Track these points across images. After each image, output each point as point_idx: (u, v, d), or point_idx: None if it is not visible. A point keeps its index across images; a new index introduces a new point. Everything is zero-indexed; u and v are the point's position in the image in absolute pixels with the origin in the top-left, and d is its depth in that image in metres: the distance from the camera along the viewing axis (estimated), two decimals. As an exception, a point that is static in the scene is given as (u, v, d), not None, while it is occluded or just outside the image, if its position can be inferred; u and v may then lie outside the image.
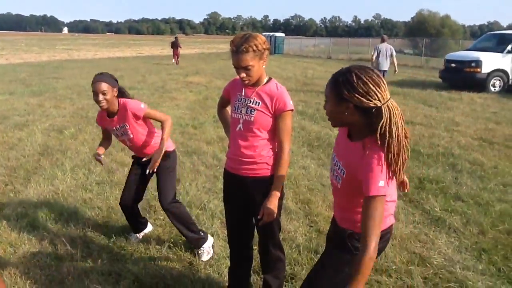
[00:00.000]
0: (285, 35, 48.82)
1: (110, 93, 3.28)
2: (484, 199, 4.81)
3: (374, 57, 12.62)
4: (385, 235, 2.03)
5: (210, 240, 3.72)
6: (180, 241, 3.79)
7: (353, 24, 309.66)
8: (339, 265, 2.04)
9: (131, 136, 3.46)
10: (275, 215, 2.61)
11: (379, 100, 1.75)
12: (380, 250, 2.06)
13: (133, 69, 20.75)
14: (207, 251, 3.61)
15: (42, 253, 3.60)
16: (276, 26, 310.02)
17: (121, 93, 3.46)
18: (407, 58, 31.55)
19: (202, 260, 3.53)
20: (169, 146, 3.63)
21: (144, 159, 3.54)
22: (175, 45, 24.46)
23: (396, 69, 13.10)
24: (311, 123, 8.87)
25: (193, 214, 4.31)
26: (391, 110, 1.77)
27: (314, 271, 2.17)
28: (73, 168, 5.74)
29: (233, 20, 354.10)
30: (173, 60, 24.69)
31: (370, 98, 1.75)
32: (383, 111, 1.75)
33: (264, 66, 2.52)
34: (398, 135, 1.77)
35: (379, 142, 1.77)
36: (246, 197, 2.73)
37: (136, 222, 3.88)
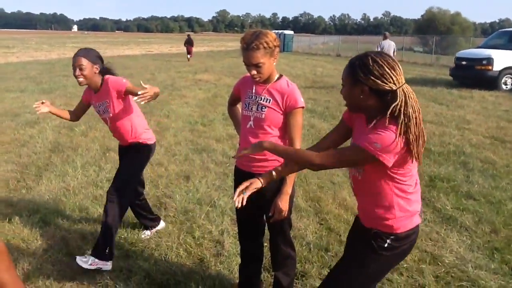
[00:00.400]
0: (294, 32, 48.77)
1: (89, 70, 3.23)
2: (496, 198, 4.77)
3: None
4: (410, 236, 1.98)
5: (107, 265, 3.30)
6: (190, 238, 3.80)
7: (362, 21, 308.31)
8: (364, 262, 2.00)
9: (111, 114, 3.38)
10: (286, 212, 2.61)
11: (394, 83, 1.77)
12: (405, 252, 2.04)
13: (143, 67, 20.84)
14: (91, 264, 3.24)
15: (54, 249, 3.63)
16: (285, 23, 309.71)
17: (108, 72, 3.40)
18: (417, 56, 31.37)
19: (77, 257, 3.26)
20: (148, 138, 3.53)
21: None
22: (189, 43, 25.32)
23: None
24: (321, 121, 8.85)
25: (203, 211, 4.33)
26: (406, 93, 1.78)
27: (338, 267, 2.13)
28: (84, 165, 5.78)
29: (241, 18, 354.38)
30: (189, 56, 25.46)
31: (385, 80, 1.76)
32: (398, 94, 1.77)
33: (274, 63, 2.51)
34: (416, 118, 1.78)
35: (388, 122, 1.77)
36: (256, 194, 2.72)
37: (142, 217, 3.90)
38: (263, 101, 2.55)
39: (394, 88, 1.77)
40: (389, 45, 13.05)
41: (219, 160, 6.06)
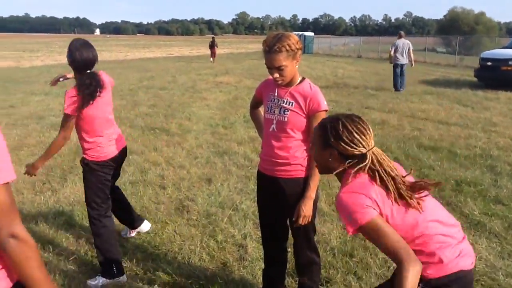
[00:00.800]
0: (315, 34, 48.59)
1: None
2: (526, 203, 4.62)
3: (392, 53, 13.41)
4: (449, 285, 1.71)
5: (119, 280, 3.24)
6: (213, 242, 3.79)
7: (384, 22, 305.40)
8: None
9: None
10: (309, 217, 2.58)
11: (364, 147, 1.79)
12: None
13: (163, 70, 21.01)
14: (99, 283, 3.22)
15: (79, 251, 3.67)
16: (305, 25, 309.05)
17: (82, 78, 3.07)
18: (440, 56, 30.84)
19: (88, 281, 3.24)
20: (94, 156, 3.18)
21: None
22: (212, 45, 26.24)
23: (413, 63, 13.78)
24: (343, 123, 8.75)
25: (225, 214, 4.31)
26: (377, 155, 1.80)
27: None
28: (107, 167, 5.82)
29: (261, 20, 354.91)
30: (211, 59, 26.22)
31: (354, 146, 1.79)
32: (368, 156, 1.78)
33: (297, 66, 2.49)
34: (391, 175, 1.75)
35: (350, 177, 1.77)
36: (279, 199, 2.70)
37: (128, 221, 3.87)
38: (286, 104, 2.53)
39: (364, 151, 1.78)
40: (404, 44, 13.24)
41: (241, 163, 6.04)
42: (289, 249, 3.01)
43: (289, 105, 2.52)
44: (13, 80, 16.19)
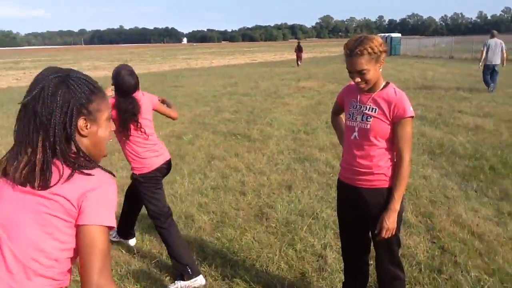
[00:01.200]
0: (402, 35, 46.89)
1: None
2: None
3: (484, 52, 12.79)
4: None
5: (197, 281, 3.28)
6: (291, 251, 3.72)
7: (478, 20, 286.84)
8: None
9: None
10: (393, 231, 2.42)
11: None
12: None
13: (247, 76, 21.38)
14: (179, 287, 3.28)
15: (161, 254, 3.78)
16: (392, 26, 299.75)
17: (124, 102, 3.32)
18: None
19: (168, 286, 3.30)
20: (138, 168, 3.37)
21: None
22: (299, 49, 27.36)
23: (504, 63, 12.95)
24: (432, 128, 8.26)
25: (305, 223, 4.22)
26: None
27: None
28: (190, 172, 5.99)
29: (346, 22, 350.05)
30: (299, 62, 27.19)
31: None
32: None
33: (380, 70, 2.35)
34: None
35: None
36: (361, 210, 2.57)
37: (125, 229, 4.01)
38: (368, 110, 2.40)
39: None
40: (496, 44, 12.62)
41: (322, 170, 5.91)
42: (371, 262, 2.86)
43: (372, 111, 2.39)
44: (109, 88, 17.34)
